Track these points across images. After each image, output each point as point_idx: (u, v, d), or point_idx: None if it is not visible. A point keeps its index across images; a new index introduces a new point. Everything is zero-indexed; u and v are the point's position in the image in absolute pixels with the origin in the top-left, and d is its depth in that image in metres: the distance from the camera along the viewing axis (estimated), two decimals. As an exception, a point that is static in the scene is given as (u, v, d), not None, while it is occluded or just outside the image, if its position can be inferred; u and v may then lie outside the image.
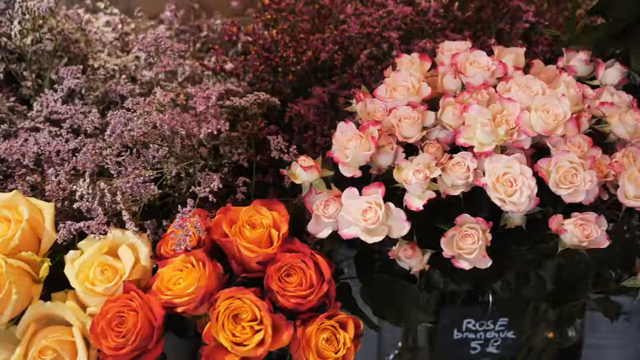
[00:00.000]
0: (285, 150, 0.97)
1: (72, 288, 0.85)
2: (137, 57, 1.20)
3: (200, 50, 1.35)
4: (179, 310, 0.79)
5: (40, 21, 1.12)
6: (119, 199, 0.83)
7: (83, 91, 1.11)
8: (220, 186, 0.84)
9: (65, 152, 0.97)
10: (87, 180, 0.84)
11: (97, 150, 0.85)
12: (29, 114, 1.10)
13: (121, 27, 1.27)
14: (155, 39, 1.05)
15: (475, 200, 0.87)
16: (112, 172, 0.86)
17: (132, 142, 0.86)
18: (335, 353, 0.79)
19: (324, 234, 0.85)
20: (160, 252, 0.85)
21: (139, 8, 1.35)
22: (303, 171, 0.83)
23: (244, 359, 0.78)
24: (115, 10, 1.37)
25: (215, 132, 0.83)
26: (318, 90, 1.14)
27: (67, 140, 0.97)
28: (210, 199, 0.84)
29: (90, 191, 0.84)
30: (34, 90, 1.18)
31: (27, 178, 0.94)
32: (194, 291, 0.78)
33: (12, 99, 1.14)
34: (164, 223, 1.05)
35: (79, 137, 0.93)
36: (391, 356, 1.42)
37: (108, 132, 0.84)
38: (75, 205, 0.85)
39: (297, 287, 0.80)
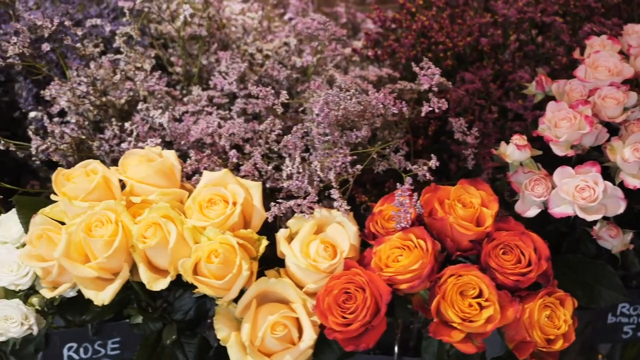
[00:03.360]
0: (468, 133, 0.97)
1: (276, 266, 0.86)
2: (286, 43, 1.20)
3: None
4: (402, 287, 0.80)
5: (202, 7, 1.12)
6: (332, 177, 0.83)
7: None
8: (438, 164, 0.85)
9: (240, 134, 0.97)
10: (298, 159, 0.85)
11: (305, 130, 0.85)
12: (185, 99, 1.11)
13: (262, 14, 1.27)
14: (324, 24, 1.06)
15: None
16: (319, 152, 0.87)
17: (335, 122, 0.87)
18: (557, 330, 0.80)
19: (530, 213, 0.85)
20: (370, 230, 0.86)
21: (272, -5, 1.35)
22: (516, 149, 0.84)
23: (469, 335, 0.79)
24: (240, -2, 1.38)
25: (436, 110, 0.84)
26: (469, 75, 1.14)
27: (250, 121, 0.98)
28: (427, 177, 0.84)
29: (301, 170, 0.85)
30: (183, 75, 1.19)
31: (213, 158, 0.95)
32: (418, 268, 0.79)
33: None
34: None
35: (269, 119, 0.94)
36: (512, 343, 1.41)
37: (316, 111, 0.85)
38: (285, 184, 0.86)
39: (515, 265, 0.80)
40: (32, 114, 1.12)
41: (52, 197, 0.86)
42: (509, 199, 0.90)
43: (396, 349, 0.95)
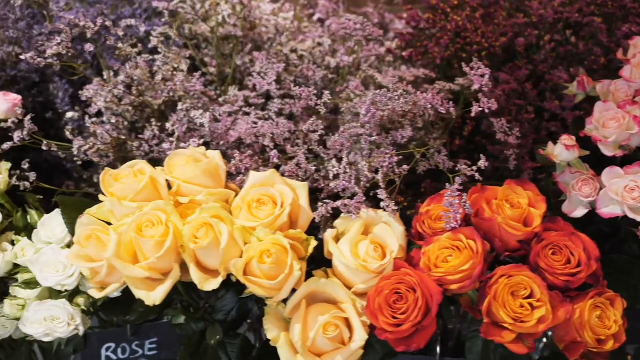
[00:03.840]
0: (510, 133, 0.97)
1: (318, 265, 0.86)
2: (319, 44, 1.20)
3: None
4: (452, 287, 0.80)
5: (239, 8, 1.12)
6: (380, 178, 0.83)
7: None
8: (487, 164, 0.85)
9: (283, 135, 0.97)
10: (345, 159, 0.85)
11: (353, 131, 0.85)
12: (221, 99, 1.11)
13: (293, 15, 1.27)
14: (362, 24, 1.06)
15: None
16: (365, 152, 0.87)
17: (380, 123, 0.87)
18: (608, 330, 0.80)
19: (578, 213, 0.85)
20: (417, 230, 0.86)
21: (301, -5, 1.35)
22: (565, 150, 0.84)
23: (519, 335, 0.79)
24: (268, -1, 1.38)
25: (486, 110, 0.84)
26: (504, 76, 1.14)
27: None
28: (476, 178, 0.84)
29: (347, 170, 0.85)
30: (217, 75, 1.19)
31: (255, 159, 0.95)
32: (469, 269, 0.79)
33: (198, 84, 1.14)
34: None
35: (312, 119, 0.94)
36: (541, 345, 1.41)
37: (363, 111, 0.85)
38: (332, 185, 0.86)
39: (565, 266, 0.80)
40: (69, 114, 1.12)
41: (100, 197, 0.86)
42: (554, 200, 0.90)
43: (438, 349, 0.95)
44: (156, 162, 0.98)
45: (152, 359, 1.03)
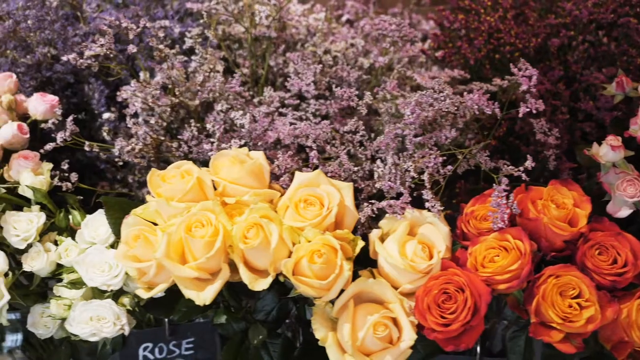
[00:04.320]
0: (549, 133, 0.98)
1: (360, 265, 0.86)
2: (352, 45, 1.20)
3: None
4: (500, 287, 0.80)
5: (269, 8, 1.12)
6: (425, 178, 0.84)
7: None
8: (534, 165, 0.85)
9: (324, 136, 0.97)
10: (390, 160, 0.85)
11: (397, 131, 0.86)
12: (255, 100, 1.11)
13: (325, 16, 1.27)
14: (398, 25, 1.06)
15: None
16: (409, 152, 0.87)
17: (422, 124, 0.87)
18: (654, 330, 0.80)
19: (622, 213, 0.86)
20: (461, 230, 0.86)
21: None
22: (610, 150, 0.84)
23: (567, 335, 0.79)
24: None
25: (534, 111, 0.84)
26: (539, 76, 1.14)
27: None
28: (523, 178, 0.85)
29: (393, 171, 0.85)
30: (250, 76, 1.19)
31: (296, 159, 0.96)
32: (517, 268, 0.79)
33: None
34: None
35: (353, 120, 0.95)
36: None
37: (408, 112, 0.85)
38: (377, 185, 0.86)
39: (612, 266, 0.80)
40: (105, 115, 1.13)
41: (147, 197, 0.86)
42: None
43: (478, 349, 0.95)
44: (194, 162, 0.98)
45: (189, 359, 1.03)
